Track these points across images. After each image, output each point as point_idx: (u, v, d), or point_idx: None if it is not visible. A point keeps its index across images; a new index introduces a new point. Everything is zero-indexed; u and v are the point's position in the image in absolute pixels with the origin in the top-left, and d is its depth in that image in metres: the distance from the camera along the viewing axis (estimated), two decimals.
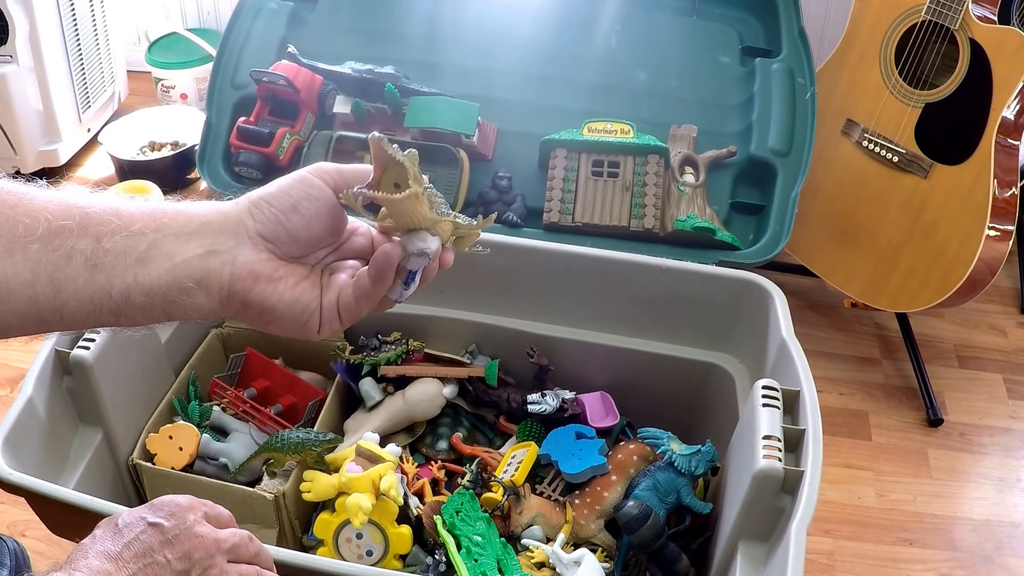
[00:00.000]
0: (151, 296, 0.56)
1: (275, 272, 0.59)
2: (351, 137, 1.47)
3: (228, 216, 0.58)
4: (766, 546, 0.99)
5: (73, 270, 0.54)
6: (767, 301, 1.25)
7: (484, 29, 1.70)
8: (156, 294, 0.56)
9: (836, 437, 1.68)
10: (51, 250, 0.54)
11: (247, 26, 1.65)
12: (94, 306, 0.55)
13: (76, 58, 2.16)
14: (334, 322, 0.61)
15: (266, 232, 0.58)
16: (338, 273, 0.62)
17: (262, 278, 0.58)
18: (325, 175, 0.60)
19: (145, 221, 0.56)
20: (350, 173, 0.60)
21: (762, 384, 1.07)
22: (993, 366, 1.86)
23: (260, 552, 0.71)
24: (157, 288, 0.56)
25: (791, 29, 1.65)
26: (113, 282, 0.55)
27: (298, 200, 0.58)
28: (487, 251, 0.66)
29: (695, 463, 1.16)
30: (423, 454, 1.33)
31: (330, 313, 0.61)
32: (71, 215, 0.55)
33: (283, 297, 0.59)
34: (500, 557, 1.12)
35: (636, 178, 1.46)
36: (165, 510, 0.66)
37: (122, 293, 0.55)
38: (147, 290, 0.56)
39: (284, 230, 0.58)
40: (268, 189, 0.59)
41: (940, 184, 1.63)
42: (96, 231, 0.55)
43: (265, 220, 0.58)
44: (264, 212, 0.58)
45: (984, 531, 1.54)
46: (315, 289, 0.61)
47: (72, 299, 0.55)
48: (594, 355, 1.36)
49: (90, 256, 0.55)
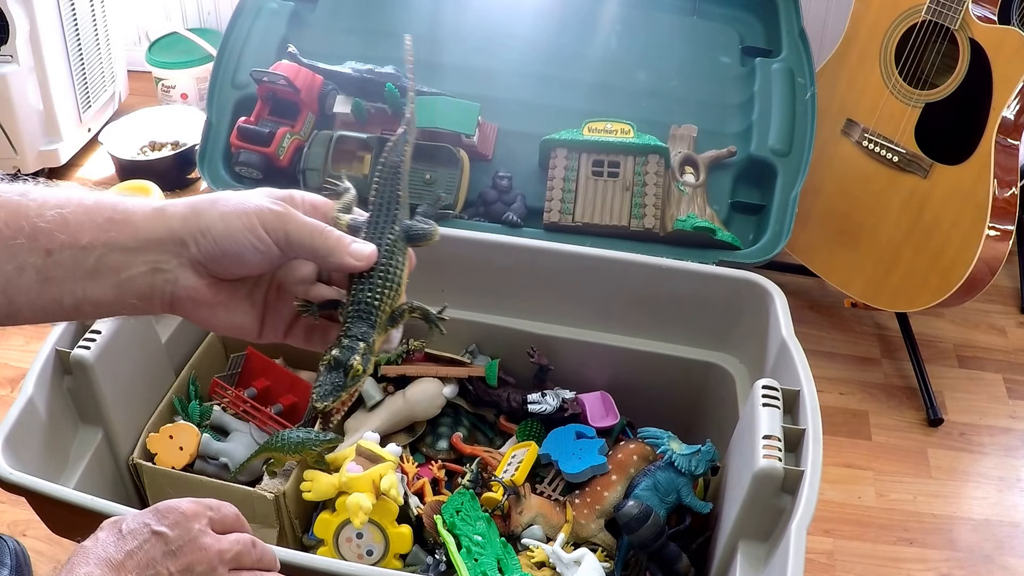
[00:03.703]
0: (99, 307, 0.58)
1: (215, 298, 0.60)
2: (351, 137, 1.47)
3: (173, 234, 0.58)
4: (766, 546, 0.99)
5: (25, 283, 0.56)
6: (767, 301, 1.25)
7: (484, 29, 1.70)
8: (104, 306, 0.58)
9: (836, 437, 1.68)
10: (3, 261, 0.56)
11: (247, 26, 1.65)
12: (47, 314, 0.58)
13: (76, 58, 2.16)
14: (277, 338, 0.65)
15: (206, 263, 0.59)
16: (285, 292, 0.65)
17: (201, 304, 0.60)
18: (275, 232, 0.59)
19: (94, 234, 0.57)
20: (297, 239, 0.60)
21: (762, 384, 1.07)
22: (993, 366, 1.86)
23: (263, 556, 0.69)
24: (104, 301, 0.58)
25: (791, 29, 1.65)
26: (63, 294, 0.57)
27: (242, 248, 0.59)
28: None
29: (695, 463, 1.16)
30: (423, 454, 1.33)
31: (273, 334, 0.65)
32: (21, 229, 0.56)
33: (221, 321, 0.62)
34: (500, 557, 1.12)
35: (636, 178, 1.46)
36: (170, 518, 0.65)
37: (72, 304, 0.58)
38: (95, 302, 0.58)
39: (223, 267, 0.60)
40: (216, 225, 0.58)
41: (940, 184, 1.63)
42: (46, 244, 0.56)
43: (206, 254, 0.59)
44: (206, 247, 0.58)
45: (984, 531, 1.54)
46: (255, 310, 0.63)
47: (25, 308, 0.57)
48: (594, 355, 1.36)
49: (41, 269, 0.56)
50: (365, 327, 0.61)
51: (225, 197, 0.60)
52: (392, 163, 0.69)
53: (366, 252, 0.62)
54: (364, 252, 0.62)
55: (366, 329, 0.61)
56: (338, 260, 0.61)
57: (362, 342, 0.61)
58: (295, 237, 0.59)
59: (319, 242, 0.60)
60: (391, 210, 0.66)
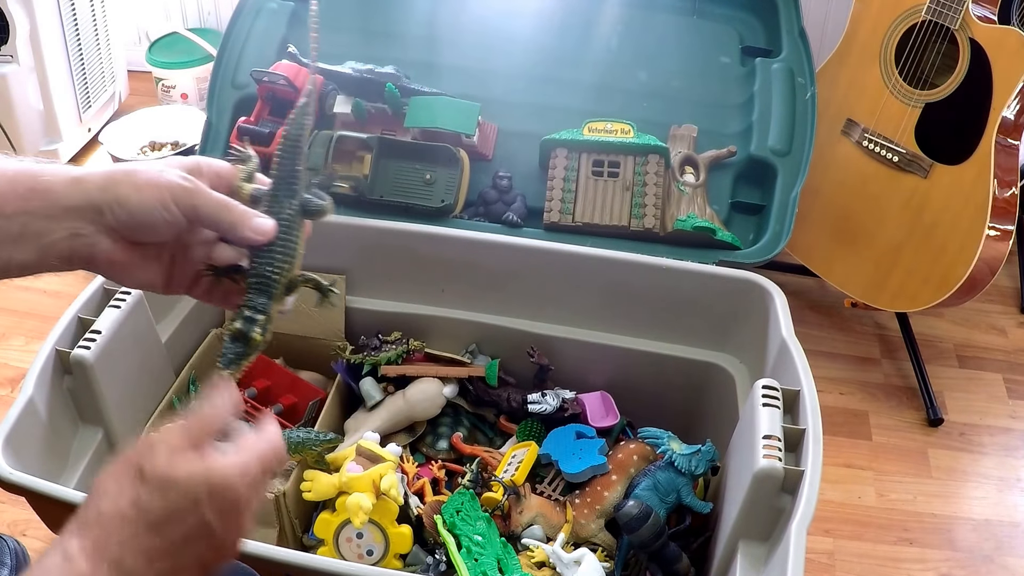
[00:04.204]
0: (24, 269, 0.64)
1: (128, 258, 0.66)
2: (351, 137, 1.47)
3: (91, 203, 0.63)
4: (766, 546, 0.99)
5: None
6: (767, 301, 1.25)
7: (485, 29, 1.70)
8: (28, 268, 0.64)
9: (836, 437, 1.68)
10: None
11: (247, 26, 1.65)
12: None
13: (77, 58, 2.16)
14: (181, 291, 0.71)
15: (120, 230, 0.64)
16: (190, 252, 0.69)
17: (116, 264, 0.65)
18: (184, 207, 0.64)
19: (17, 204, 0.62)
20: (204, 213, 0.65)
21: (762, 384, 1.07)
22: (993, 366, 1.86)
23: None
24: (28, 263, 0.64)
25: (791, 29, 1.65)
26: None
27: (155, 220, 0.64)
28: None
29: (695, 463, 1.16)
30: (423, 454, 1.33)
31: (178, 288, 0.70)
32: None
33: (132, 278, 0.68)
34: (500, 557, 1.12)
35: (636, 178, 1.46)
36: (223, 507, 0.58)
37: (2, 268, 0.63)
38: (20, 265, 0.63)
39: (136, 234, 0.65)
40: (131, 197, 0.63)
41: (940, 184, 1.63)
42: None
43: (120, 223, 0.63)
44: (121, 217, 0.63)
45: (984, 531, 1.54)
46: (163, 267, 0.69)
47: None
48: (594, 355, 1.36)
49: None
50: (264, 299, 0.67)
51: (141, 169, 0.64)
52: (292, 136, 0.73)
53: (267, 227, 0.67)
54: (265, 227, 0.67)
55: (265, 300, 0.67)
56: (240, 234, 0.66)
57: (262, 314, 0.66)
58: (203, 211, 0.65)
59: (224, 216, 0.66)
60: (290, 184, 0.70)
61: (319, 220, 0.71)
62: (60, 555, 0.54)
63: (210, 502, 0.58)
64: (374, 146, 1.46)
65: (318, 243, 0.75)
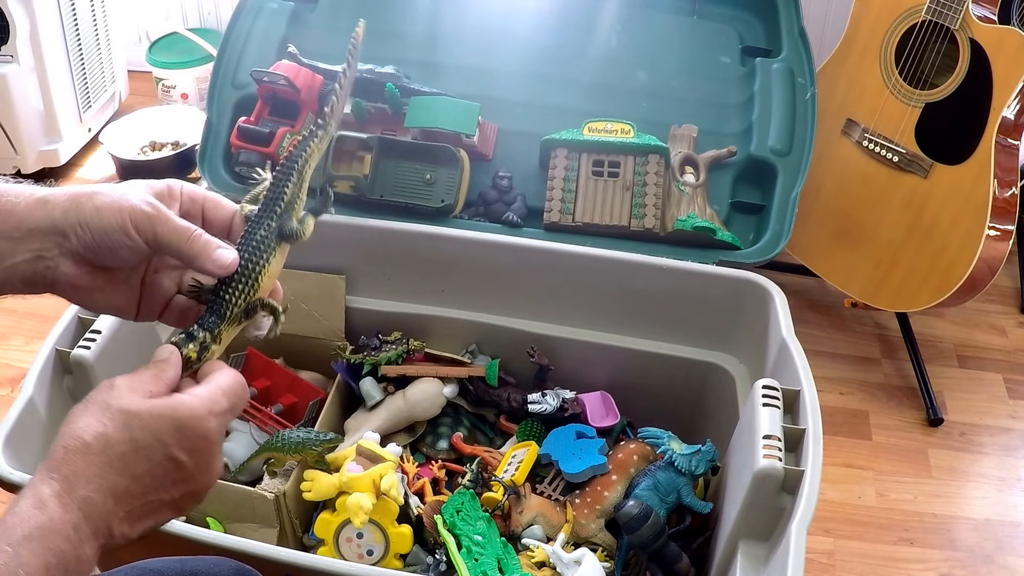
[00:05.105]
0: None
1: (93, 283, 0.64)
2: (351, 137, 1.47)
3: (54, 225, 0.61)
4: (766, 546, 0.99)
5: None
6: (767, 301, 1.25)
7: (485, 29, 1.70)
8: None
9: (836, 437, 1.68)
10: None
11: (248, 26, 1.65)
12: None
13: (77, 58, 2.16)
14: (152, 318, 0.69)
15: (84, 253, 0.63)
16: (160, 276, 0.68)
17: (80, 289, 0.64)
18: (144, 233, 0.62)
19: None
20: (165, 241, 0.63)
21: (762, 384, 1.07)
22: (993, 366, 1.87)
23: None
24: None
25: (791, 29, 1.65)
26: None
27: (115, 244, 0.62)
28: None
29: (695, 463, 1.16)
30: (424, 454, 1.33)
31: (149, 314, 0.69)
32: None
33: (99, 304, 0.66)
34: (500, 556, 1.12)
35: (636, 178, 1.46)
36: (192, 443, 0.59)
37: None
38: None
39: (99, 258, 0.64)
40: (92, 220, 0.61)
41: (940, 184, 1.63)
42: None
43: (84, 246, 0.62)
44: (84, 239, 0.62)
45: (984, 530, 1.54)
46: (132, 292, 0.67)
47: None
48: (594, 355, 1.36)
49: None
50: (214, 318, 0.66)
51: (105, 191, 0.63)
52: (291, 158, 0.72)
53: (227, 260, 0.65)
54: (225, 260, 0.65)
55: (214, 319, 0.66)
56: (201, 265, 0.65)
57: (205, 332, 0.66)
58: (163, 239, 0.63)
59: (185, 247, 0.64)
60: (273, 208, 0.70)
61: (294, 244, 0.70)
62: (32, 501, 0.54)
63: (177, 437, 0.58)
64: (374, 146, 1.46)
65: (318, 243, 0.75)
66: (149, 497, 0.58)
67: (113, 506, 0.56)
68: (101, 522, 0.56)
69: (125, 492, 0.57)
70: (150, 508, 0.59)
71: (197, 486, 0.61)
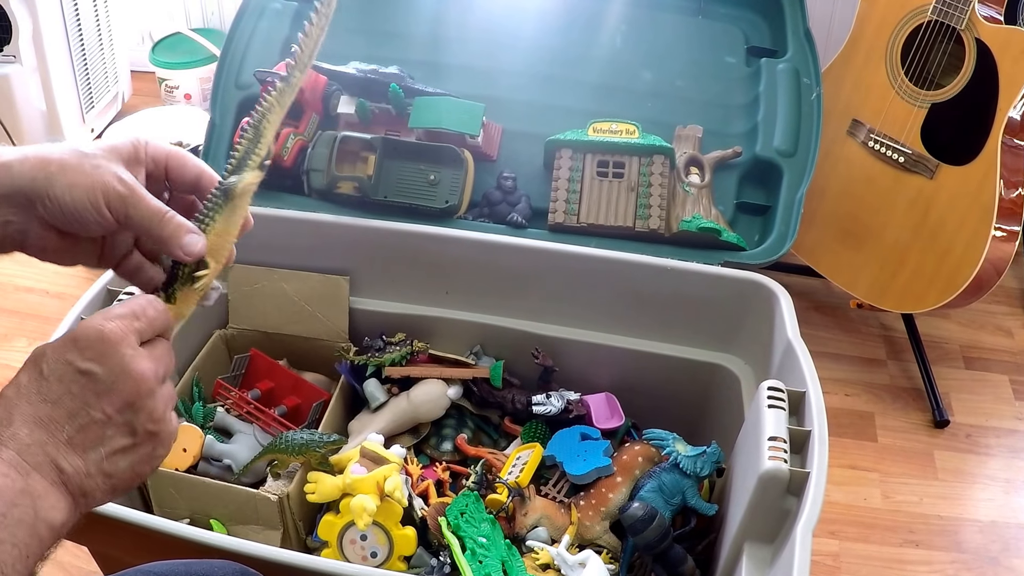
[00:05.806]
0: None
1: (61, 244, 0.66)
2: (355, 138, 1.47)
3: (20, 191, 0.62)
4: (772, 547, 0.99)
5: None
6: (773, 302, 1.24)
7: (489, 29, 1.69)
8: None
9: (842, 438, 1.68)
10: None
11: (251, 26, 1.65)
12: None
13: (80, 58, 2.16)
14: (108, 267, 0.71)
15: (52, 222, 0.63)
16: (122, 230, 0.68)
17: (48, 251, 0.66)
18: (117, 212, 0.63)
19: None
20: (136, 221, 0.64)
21: (768, 385, 1.07)
22: (999, 367, 1.86)
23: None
24: None
25: (797, 29, 1.65)
26: None
27: (86, 220, 0.63)
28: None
29: (700, 464, 1.15)
30: (428, 455, 1.33)
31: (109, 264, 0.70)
32: None
33: (65, 261, 0.68)
34: (505, 558, 1.12)
35: (641, 179, 1.46)
36: (95, 349, 0.58)
37: None
38: None
39: (67, 227, 0.64)
40: (63, 195, 0.62)
41: (946, 185, 1.62)
42: None
43: (52, 216, 0.63)
44: (52, 211, 0.62)
45: (990, 532, 1.53)
46: (95, 247, 0.69)
47: None
48: (599, 356, 1.36)
49: None
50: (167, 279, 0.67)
51: (73, 164, 0.62)
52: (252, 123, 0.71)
53: (196, 248, 0.65)
54: (193, 249, 0.65)
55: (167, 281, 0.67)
56: (169, 250, 0.65)
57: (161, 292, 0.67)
58: (135, 220, 0.64)
59: (155, 229, 0.64)
60: (226, 164, 0.70)
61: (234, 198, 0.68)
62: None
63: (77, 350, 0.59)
64: (378, 147, 1.45)
65: (322, 244, 0.75)
66: (80, 420, 0.58)
67: (45, 436, 0.57)
68: (40, 453, 0.56)
69: (49, 418, 0.57)
70: (91, 432, 0.58)
71: (128, 395, 0.59)
